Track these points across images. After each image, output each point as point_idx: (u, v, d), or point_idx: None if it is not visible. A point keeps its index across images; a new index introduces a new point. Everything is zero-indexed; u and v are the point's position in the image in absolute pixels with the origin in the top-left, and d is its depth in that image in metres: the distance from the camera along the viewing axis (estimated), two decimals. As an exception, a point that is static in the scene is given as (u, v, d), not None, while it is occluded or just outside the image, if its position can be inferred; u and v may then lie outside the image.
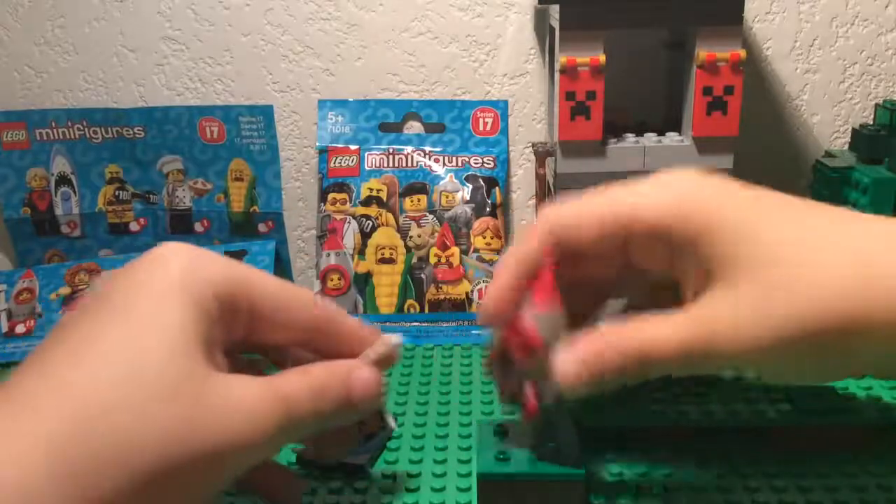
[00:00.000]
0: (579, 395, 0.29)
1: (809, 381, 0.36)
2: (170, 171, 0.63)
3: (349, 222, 0.59)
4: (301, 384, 0.27)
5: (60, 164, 0.63)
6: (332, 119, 0.62)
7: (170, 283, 0.25)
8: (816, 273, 0.25)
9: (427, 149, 0.62)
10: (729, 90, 0.47)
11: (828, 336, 0.25)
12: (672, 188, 0.29)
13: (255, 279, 0.28)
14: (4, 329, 0.57)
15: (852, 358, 0.26)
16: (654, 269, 0.31)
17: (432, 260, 0.58)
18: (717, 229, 0.27)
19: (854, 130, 0.55)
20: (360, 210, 0.60)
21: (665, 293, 0.30)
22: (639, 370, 0.28)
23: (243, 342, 0.29)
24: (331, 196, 0.60)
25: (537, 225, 0.31)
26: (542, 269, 0.31)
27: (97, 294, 0.25)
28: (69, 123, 0.63)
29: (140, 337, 0.23)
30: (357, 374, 0.29)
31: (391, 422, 0.36)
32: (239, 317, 0.27)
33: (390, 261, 0.58)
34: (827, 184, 0.53)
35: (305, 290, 0.31)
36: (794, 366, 0.27)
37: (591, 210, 0.30)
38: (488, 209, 0.59)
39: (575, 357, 0.29)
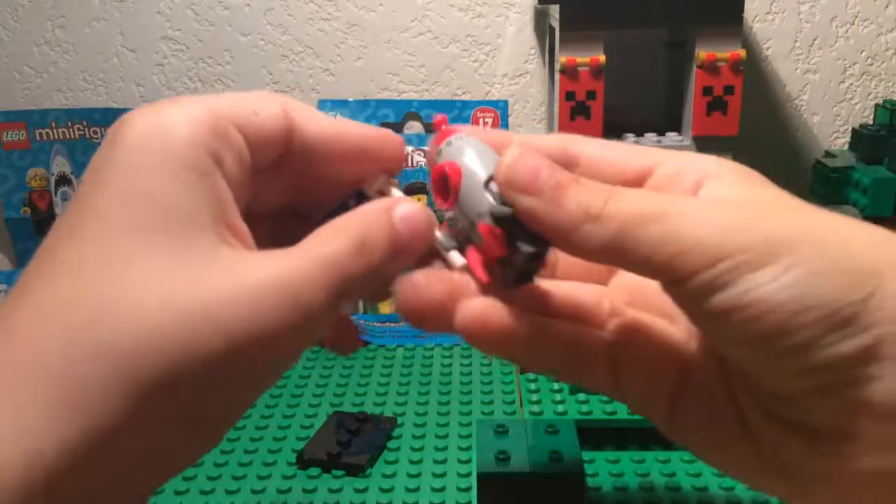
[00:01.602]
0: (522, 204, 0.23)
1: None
2: (170, 171, 0.63)
3: (349, 222, 0.59)
4: (342, 242, 0.22)
5: (60, 164, 0.63)
6: (332, 119, 0.62)
7: (124, 157, 0.20)
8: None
9: (427, 149, 0.62)
10: (729, 90, 0.47)
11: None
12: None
13: (219, 99, 0.22)
14: (4, 329, 0.57)
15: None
16: None
17: (432, 260, 0.58)
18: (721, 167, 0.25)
19: (854, 130, 0.55)
20: (360, 210, 0.60)
21: None
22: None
23: (293, 192, 0.25)
24: (331, 196, 0.60)
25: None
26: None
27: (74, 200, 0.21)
28: (69, 123, 0.63)
29: (100, 231, 0.19)
30: (398, 211, 0.24)
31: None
32: (233, 147, 0.22)
33: (390, 261, 0.58)
34: (827, 184, 0.53)
35: (272, 93, 0.25)
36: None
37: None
38: (488, 209, 0.59)
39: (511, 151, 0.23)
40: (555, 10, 0.49)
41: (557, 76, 0.48)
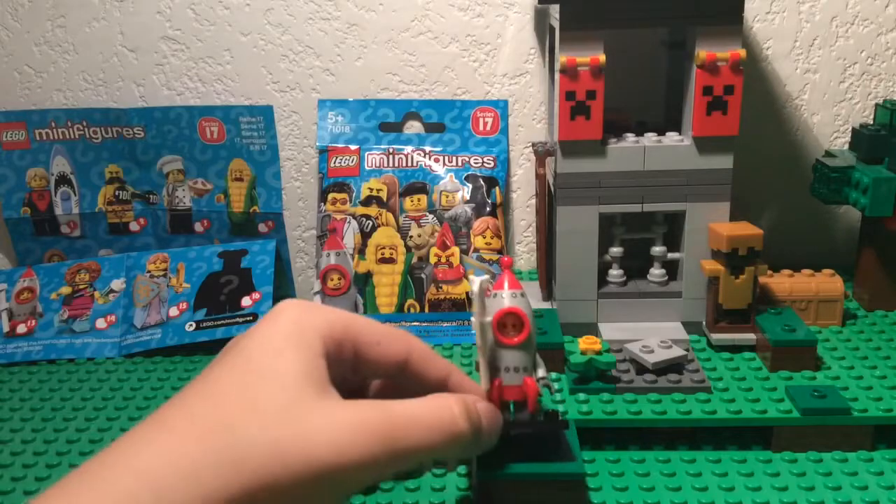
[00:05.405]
0: None
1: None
2: (170, 171, 0.63)
3: (349, 222, 0.59)
4: (409, 410, 0.29)
5: (60, 164, 0.63)
6: (332, 119, 0.62)
7: (281, 335, 0.29)
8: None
9: (427, 148, 0.62)
10: (729, 90, 0.47)
11: None
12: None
13: (356, 322, 0.31)
14: (6, 329, 0.57)
15: None
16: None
17: (432, 260, 0.58)
18: None
19: (854, 130, 0.55)
20: (360, 210, 0.60)
21: None
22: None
23: (354, 376, 0.32)
24: (331, 196, 0.60)
25: None
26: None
27: (229, 348, 0.30)
28: (69, 123, 0.63)
29: (255, 380, 0.27)
30: (472, 405, 0.31)
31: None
32: (345, 354, 0.31)
33: (390, 260, 0.58)
34: (827, 183, 0.53)
35: (401, 330, 0.34)
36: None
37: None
38: (488, 209, 0.60)
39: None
40: (555, 9, 0.50)
41: (557, 76, 0.48)
